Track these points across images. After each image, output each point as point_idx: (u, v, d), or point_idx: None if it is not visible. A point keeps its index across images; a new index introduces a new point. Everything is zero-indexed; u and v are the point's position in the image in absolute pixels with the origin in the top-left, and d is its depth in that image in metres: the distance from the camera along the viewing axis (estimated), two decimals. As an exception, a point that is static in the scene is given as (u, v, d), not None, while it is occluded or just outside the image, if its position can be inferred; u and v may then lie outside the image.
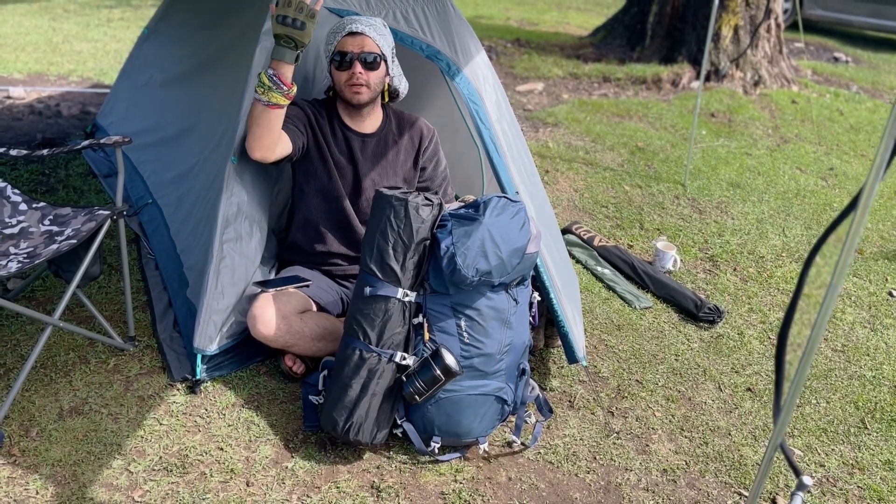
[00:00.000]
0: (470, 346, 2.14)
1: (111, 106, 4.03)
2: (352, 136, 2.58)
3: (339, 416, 2.11)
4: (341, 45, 2.43)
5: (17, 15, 6.97)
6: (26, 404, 2.26)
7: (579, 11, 9.88)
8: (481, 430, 2.22)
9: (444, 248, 2.08)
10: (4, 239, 2.34)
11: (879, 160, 1.20)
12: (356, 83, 2.45)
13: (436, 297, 2.14)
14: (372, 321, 2.12)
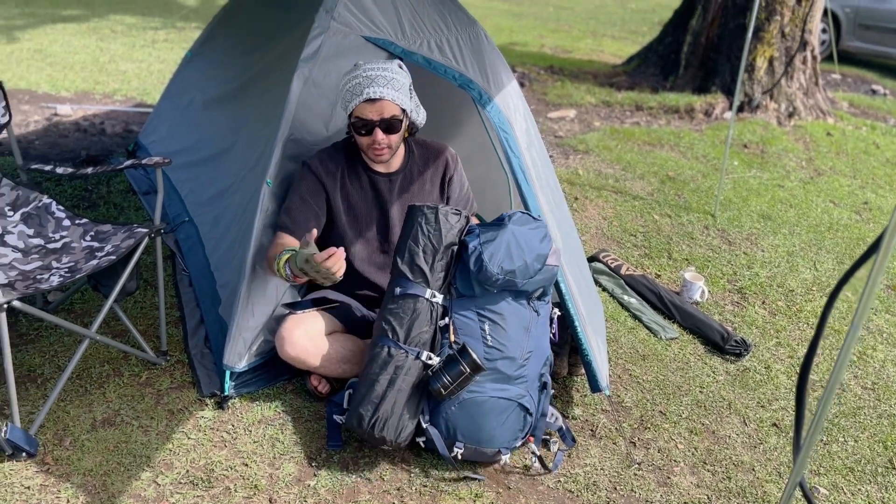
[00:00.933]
0: (493, 349, 2.23)
1: (153, 125, 4.15)
2: (377, 178, 2.58)
3: (365, 411, 2.17)
4: (360, 112, 2.38)
5: (67, 35, 7.22)
6: (61, 414, 2.34)
7: (614, 39, 9.92)
8: (504, 439, 2.24)
9: (471, 248, 2.23)
10: (48, 253, 2.43)
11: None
12: (378, 147, 2.44)
13: (461, 301, 2.27)
14: (401, 319, 2.23)
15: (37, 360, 2.57)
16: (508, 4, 11.90)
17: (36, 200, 2.56)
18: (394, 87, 2.37)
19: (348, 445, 2.35)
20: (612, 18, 11.69)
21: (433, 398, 2.23)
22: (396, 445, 2.22)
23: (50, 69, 6.07)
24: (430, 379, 2.17)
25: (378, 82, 2.35)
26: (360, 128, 2.40)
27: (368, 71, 2.36)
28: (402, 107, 2.41)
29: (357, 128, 2.41)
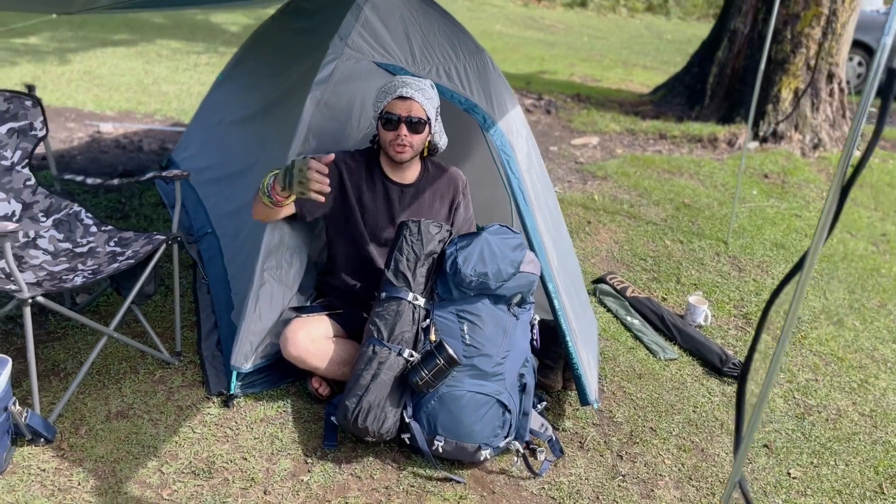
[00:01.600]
0: (471, 347, 2.40)
1: (185, 143, 4.39)
2: (391, 187, 2.76)
3: (349, 402, 2.34)
4: (390, 107, 2.59)
5: (116, 58, 7.60)
6: (79, 405, 2.51)
7: (645, 69, 10.02)
8: (483, 434, 2.35)
9: (448, 253, 2.48)
10: (75, 256, 2.63)
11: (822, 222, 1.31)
12: (401, 144, 2.62)
13: (442, 304, 2.47)
14: (385, 320, 2.44)
15: (61, 355, 2.76)
16: (543, 34, 12.10)
17: (67, 208, 2.77)
18: (424, 96, 2.60)
19: (343, 445, 2.47)
20: (646, 49, 11.80)
21: (415, 393, 2.37)
22: (379, 437, 2.35)
23: (97, 89, 6.41)
24: (409, 372, 2.34)
25: (412, 86, 2.59)
26: (387, 122, 2.61)
27: (405, 78, 2.62)
28: (427, 114, 2.62)
29: (384, 122, 2.61)
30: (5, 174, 2.70)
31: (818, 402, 3.11)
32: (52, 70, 6.87)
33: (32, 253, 2.61)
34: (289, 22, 3.71)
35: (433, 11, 3.17)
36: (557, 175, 5.43)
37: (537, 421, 2.61)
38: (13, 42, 7.76)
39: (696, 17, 14.95)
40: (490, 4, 13.97)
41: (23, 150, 2.73)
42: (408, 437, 2.39)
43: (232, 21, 10.12)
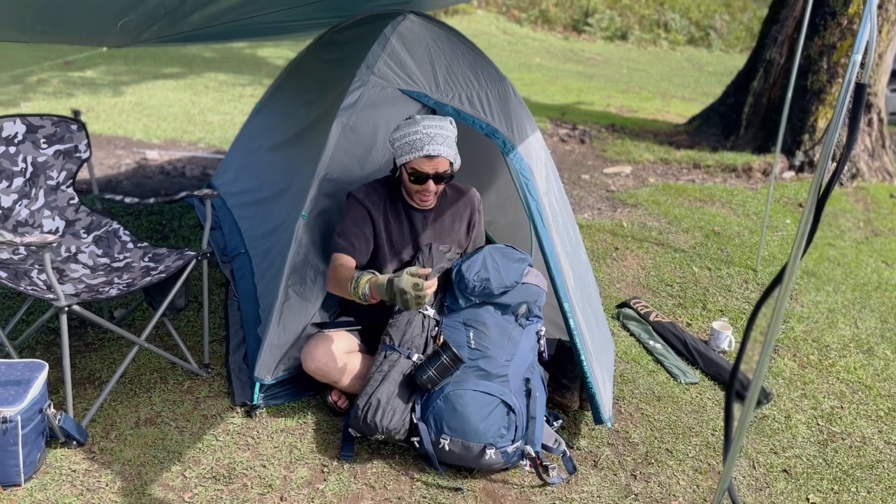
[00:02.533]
0: (476, 351, 2.55)
1: (224, 168, 4.57)
2: (414, 214, 2.84)
3: (360, 401, 2.48)
4: (417, 164, 2.63)
5: (166, 90, 7.94)
6: (111, 411, 2.64)
7: (683, 101, 10.03)
8: (488, 434, 2.42)
9: (455, 266, 2.70)
10: (112, 271, 2.79)
11: (800, 235, 1.36)
12: (426, 195, 2.71)
13: (451, 315, 2.66)
14: (397, 329, 2.62)
15: (97, 365, 2.90)
16: (582, 66, 12.21)
17: (107, 225, 2.94)
18: (448, 145, 2.65)
19: (359, 457, 2.55)
20: (685, 81, 11.80)
21: (423, 393, 2.49)
22: (387, 433, 2.44)
23: (146, 119, 6.71)
24: (416, 371, 2.46)
25: (437, 140, 2.61)
26: (414, 177, 2.66)
27: (428, 129, 2.62)
28: (451, 161, 2.69)
29: (411, 177, 2.67)
30: (51, 193, 2.88)
31: (843, 429, 3.07)
32: (105, 101, 7.21)
33: (73, 267, 2.77)
34: (322, 53, 3.88)
35: (457, 41, 3.29)
36: (587, 202, 5.47)
37: (550, 437, 2.65)
38: (71, 75, 8.17)
39: (739, 50, 14.89)
40: (531, 38, 14.16)
41: (68, 171, 2.91)
42: (417, 440, 2.46)
43: (277, 55, 10.48)
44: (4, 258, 2.65)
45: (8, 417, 2.14)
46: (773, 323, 1.43)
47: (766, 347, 1.45)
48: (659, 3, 16.26)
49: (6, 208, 2.74)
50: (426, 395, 2.50)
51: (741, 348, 1.50)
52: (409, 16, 3.20)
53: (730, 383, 1.49)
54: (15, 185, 2.77)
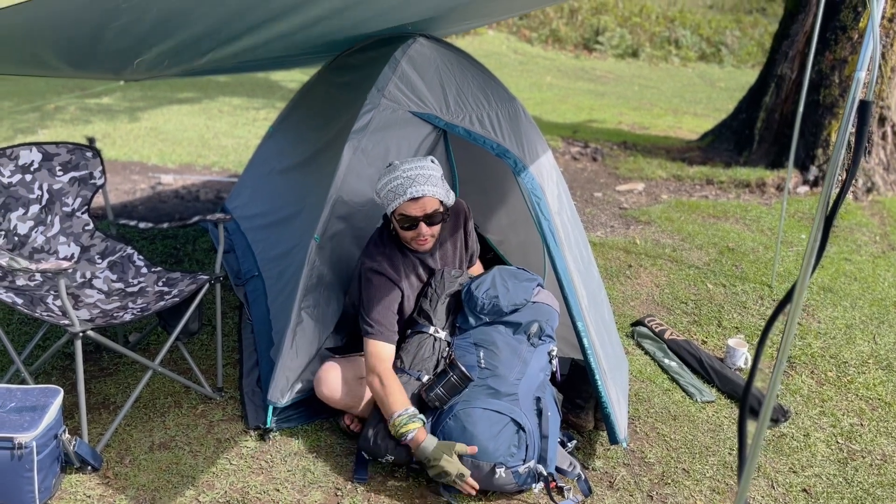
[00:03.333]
0: (486, 370, 2.54)
1: (237, 192, 4.61)
2: (425, 256, 2.78)
3: (368, 427, 2.50)
4: (404, 209, 2.55)
5: (181, 115, 8.04)
6: (125, 436, 2.65)
7: (695, 117, 10.01)
8: (497, 453, 2.39)
9: (465, 287, 2.72)
10: (126, 295, 2.81)
11: (809, 251, 1.35)
12: (422, 240, 2.64)
13: (462, 335, 2.68)
14: (408, 351, 2.65)
15: (112, 389, 2.92)
16: (594, 84, 12.23)
17: (121, 251, 2.96)
18: (432, 184, 2.57)
19: (373, 480, 2.54)
20: (697, 97, 11.79)
21: (433, 413, 2.49)
22: (398, 455, 2.44)
23: (161, 144, 6.79)
24: (424, 390, 2.47)
25: (419, 181, 2.55)
26: (404, 224, 2.59)
27: (408, 171, 2.56)
28: (440, 199, 2.61)
29: (402, 224, 2.60)
30: (66, 219, 2.91)
31: (862, 447, 3.02)
32: (121, 127, 7.31)
33: (88, 292, 2.80)
34: (333, 77, 3.91)
35: (467, 62, 3.32)
36: (600, 220, 5.46)
37: (565, 459, 2.63)
38: (88, 102, 8.30)
39: (750, 65, 14.86)
40: (542, 57, 14.22)
41: (83, 198, 2.94)
42: None
43: (290, 78, 10.58)
44: (21, 285, 2.68)
45: (23, 443, 2.16)
46: (785, 341, 1.41)
47: (779, 365, 1.43)
48: (669, 20, 16.30)
49: (22, 235, 2.78)
50: (436, 415, 2.49)
51: (754, 365, 1.48)
52: (418, 38, 3.23)
53: (743, 399, 1.48)
54: (31, 213, 2.81)
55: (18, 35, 2.28)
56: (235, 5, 2.32)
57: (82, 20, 2.24)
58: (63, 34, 2.35)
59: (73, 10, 2.14)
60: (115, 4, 2.10)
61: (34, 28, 2.24)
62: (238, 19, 2.51)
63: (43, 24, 2.22)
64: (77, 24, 2.26)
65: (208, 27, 2.55)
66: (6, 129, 6.90)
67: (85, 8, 2.13)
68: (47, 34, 2.33)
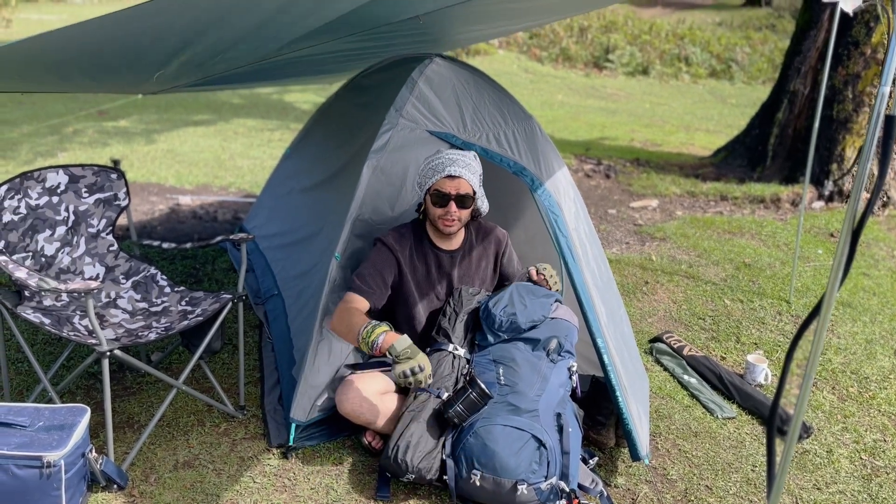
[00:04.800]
0: (505, 387, 2.56)
1: (255, 212, 4.66)
2: (441, 255, 2.92)
3: (391, 442, 2.50)
4: (440, 185, 2.75)
5: (196, 136, 8.13)
6: (150, 455, 2.67)
7: (707, 133, 10.02)
8: (519, 470, 2.39)
9: (482, 305, 2.76)
10: (150, 315, 2.84)
11: (836, 265, 1.36)
12: (450, 218, 2.79)
13: (481, 353, 2.72)
14: None
15: (136, 408, 2.95)
16: (605, 102, 12.28)
17: (145, 271, 3.00)
18: (470, 171, 2.76)
19: (395, 497, 2.54)
20: (709, 113, 11.81)
21: (453, 431, 2.50)
22: (418, 472, 2.44)
23: (178, 166, 6.86)
24: (444, 406, 2.48)
25: (458, 164, 2.74)
26: (436, 199, 2.76)
27: (451, 154, 2.78)
28: (474, 188, 2.78)
29: (434, 199, 2.77)
30: (91, 240, 2.96)
31: (886, 463, 3.00)
32: (138, 149, 7.40)
33: (113, 312, 2.83)
34: (351, 98, 3.96)
35: (483, 82, 3.36)
36: (615, 237, 5.47)
37: (587, 476, 2.62)
38: (106, 125, 8.41)
39: (761, 81, 14.88)
40: (552, 76, 14.30)
41: (108, 219, 2.99)
42: (448, 478, 2.46)
43: (304, 99, 10.69)
44: (47, 305, 2.72)
45: (52, 462, 2.18)
46: (813, 356, 1.42)
47: (807, 381, 1.44)
48: (679, 37, 16.36)
49: (49, 256, 2.82)
50: (457, 432, 2.50)
51: (781, 382, 1.48)
52: (435, 59, 3.27)
53: (770, 418, 1.48)
54: (58, 234, 2.85)
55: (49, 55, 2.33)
56: (257, 17, 2.37)
57: (111, 38, 2.29)
58: (90, 52, 2.40)
59: (101, 31, 2.19)
60: (140, 23, 2.15)
61: (63, 48, 2.30)
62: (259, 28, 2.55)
63: (72, 45, 2.27)
64: (106, 41, 2.32)
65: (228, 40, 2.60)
66: (26, 152, 7.00)
67: (112, 28, 2.18)
68: (74, 53, 2.38)
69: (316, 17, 2.61)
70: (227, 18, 2.31)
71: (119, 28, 2.17)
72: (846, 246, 1.33)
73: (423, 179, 2.80)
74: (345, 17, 2.72)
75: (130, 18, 2.06)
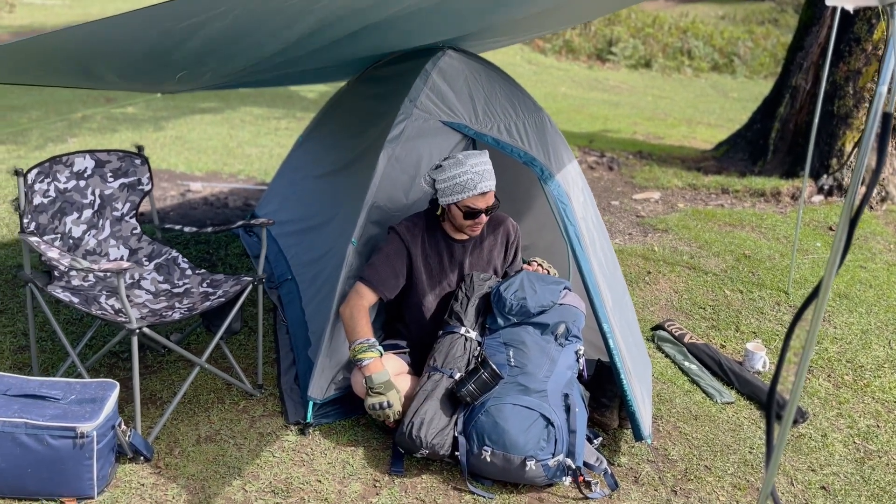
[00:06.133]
0: (515, 368, 2.68)
1: (267, 199, 4.76)
2: (454, 245, 3.00)
3: (405, 419, 2.61)
4: (471, 203, 2.80)
5: (204, 124, 8.21)
6: (173, 430, 2.79)
7: (709, 127, 10.12)
8: (527, 447, 2.51)
9: (494, 289, 2.87)
10: (173, 296, 2.95)
11: (834, 250, 1.46)
12: (477, 227, 2.90)
13: (492, 336, 2.82)
14: (440, 351, 2.79)
15: (158, 386, 3.06)
16: (608, 94, 12.36)
17: (167, 254, 3.11)
18: (492, 178, 2.85)
19: (409, 472, 2.66)
20: (711, 107, 11.89)
21: (465, 409, 2.61)
22: (431, 448, 2.55)
23: (187, 153, 6.95)
24: (456, 385, 2.59)
25: (485, 177, 2.81)
26: (467, 214, 2.83)
27: (476, 167, 2.80)
28: (495, 193, 2.90)
29: (464, 213, 2.83)
30: (116, 223, 3.06)
31: (879, 447, 3.12)
32: (147, 136, 7.48)
33: (137, 292, 2.94)
34: (364, 89, 4.06)
35: (495, 74, 3.45)
36: (618, 228, 5.58)
37: (592, 455, 2.74)
38: (114, 111, 8.49)
39: (763, 76, 14.95)
40: (556, 68, 14.36)
41: (131, 203, 3.09)
42: (459, 454, 2.58)
43: (308, 89, 10.75)
44: (75, 285, 2.83)
45: (85, 433, 2.29)
46: (810, 339, 1.53)
47: (803, 365, 1.55)
48: (682, 31, 16.42)
49: (76, 238, 2.92)
50: (468, 411, 2.61)
51: (777, 368, 1.60)
52: (448, 51, 3.36)
53: (769, 396, 1.59)
54: (84, 217, 2.95)
55: (83, 51, 2.43)
56: (280, 22, 2.47)
57: (140, 39, 2.39)
58: (120, 51, 2.50)
59: (131, 31, 2.29)
60: (170, 25, 2.25)
61: (95, 45, 2.39)
62: (282, 34, 2.66)
63: (103, 43, 2.37)
64: (135, 42, 2.41)
65: (253, 43, 2.70)
66: (37, 137, 7.09)
67: (143, 28, 2.28)
68: (106, 51, 2.48)
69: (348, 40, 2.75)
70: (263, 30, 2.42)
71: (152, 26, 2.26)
72: (844, 233, 1.44)
73: (447, 192, 2.81)
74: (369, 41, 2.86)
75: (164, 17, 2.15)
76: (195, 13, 2.14)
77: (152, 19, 2.16)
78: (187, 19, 2.20)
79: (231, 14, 2.22)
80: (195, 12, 2.13)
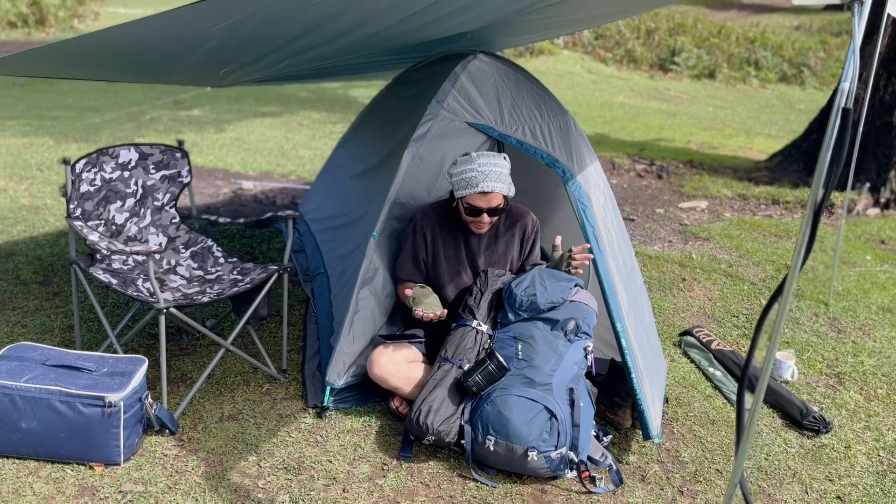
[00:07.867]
0: (522, 361, 2.73)
1: (310, 197, 4.94)
2: (470, 237, 3.12)
3: (415, 406, 2.70)
4: (472, 200, 2.91)
5: (263, 127, 8.53)
6: (199, 407, 2.95)
7: (768, 138, 9.90)
8: (530, 437, 2.57)
9: (506, 285, 2.95)
10: (205, 282, 3.12)
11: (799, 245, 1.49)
12: (481, 226, 3.01)
13: (502, 330, 2.89)
14: (452, 343, 2.88)
15: (189, 367, 3.24)
16: (666, 104, 12.22)
17: (202, 242, 3.29)
18: (501, 181, 2.91)
19: (416, 458, 2.75)
20: (774, 118, 11.63)
21: (472, 399, 2.69)
22: (437, 434, 2.63)
23: (244, 153, 7.24)
24: (464, 376, 2.67)
25: (491, 177, 2.88)
26: (469, 211, 2.96)
27: (483, 166, 2.89)
28: (505, 195, 2.95)
29: (466, 210, 2.97)
30: (156, 212, 3.26)
31: None
32: (209, 137, 7.82)
33: (172, 278, 3.12)
34: (400, 90, 4.19)
35: (523, 77, 3.53)
36: (659, 235, 5.55)
37: (598, 450, 2.77)
38: (180, 114, 8.89)
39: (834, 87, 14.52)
40: (615, 77, 14.28)
41: (171, 194, 3.29)
42: (465, 442, 2.65)
43: (368, 94, 11.01)
44: (115, 268, 3.03)
45: (112, 402, 2.47)
46: (781, 313, 1.55)
47: (773, 343, 1.57)
48: (749, 41, 16.08)
49: (119, 224, 3.13)
50: (475, 401, 2.69)
51: (752, 345, 1.63)
52: (479, 55, 3.46)
53: (742, 376, 1.62)
54: (127, 205, 3.16)
55: (128, 48, 2.62)
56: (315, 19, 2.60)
57: (180, 39, 2.56)
58: (161, 47, 2.68)
59: (170, 32, 2.46)
60: (207, 27, 2.41)
61: (137, 43, 2.58)
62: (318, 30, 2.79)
63: (144, 40, 2.55)
64: (175, 42, 2.59)
65: (290, 40, 2.85)
66: (107, 136, 7.49)
67: (181, 30, 2.45)
68: (148, 47, 2.66)
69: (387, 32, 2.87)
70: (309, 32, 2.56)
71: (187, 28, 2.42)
72: (808, 226, 1.46)
73: (456, 186, 2.94)
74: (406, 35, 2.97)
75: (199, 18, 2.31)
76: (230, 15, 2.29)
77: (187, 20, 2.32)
78: (222, 21, 2.35)
79: (259, 14, 2.36)
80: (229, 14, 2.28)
